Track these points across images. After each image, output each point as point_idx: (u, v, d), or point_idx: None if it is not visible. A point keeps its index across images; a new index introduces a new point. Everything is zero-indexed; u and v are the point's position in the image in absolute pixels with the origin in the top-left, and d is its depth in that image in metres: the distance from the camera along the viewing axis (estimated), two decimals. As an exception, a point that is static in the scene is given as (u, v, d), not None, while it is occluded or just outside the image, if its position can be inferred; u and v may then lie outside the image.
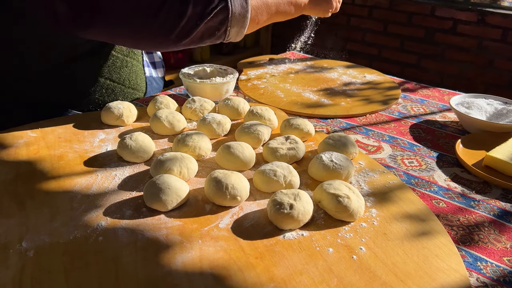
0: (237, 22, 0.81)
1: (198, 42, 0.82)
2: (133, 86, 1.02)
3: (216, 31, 0.80)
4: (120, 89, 0.98)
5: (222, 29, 0.81)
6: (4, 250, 0.52)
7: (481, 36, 2.31)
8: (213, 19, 0.78)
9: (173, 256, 0.52)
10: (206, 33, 0.80)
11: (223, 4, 0.78)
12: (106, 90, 0.95)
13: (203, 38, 0.81)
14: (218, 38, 0.83)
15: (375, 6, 2.62)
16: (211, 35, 0.81)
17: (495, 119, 0.92)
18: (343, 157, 0.70)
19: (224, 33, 0.82)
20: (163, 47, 0.84)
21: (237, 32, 0.83)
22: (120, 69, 0.97)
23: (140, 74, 1.04)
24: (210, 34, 0.81)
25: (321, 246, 0.55)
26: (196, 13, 0.76)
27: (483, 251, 0.57)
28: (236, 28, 0.82)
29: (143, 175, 0.69)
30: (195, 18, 0.77)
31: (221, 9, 0.78)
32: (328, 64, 1.35)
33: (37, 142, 0.77)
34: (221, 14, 0.78)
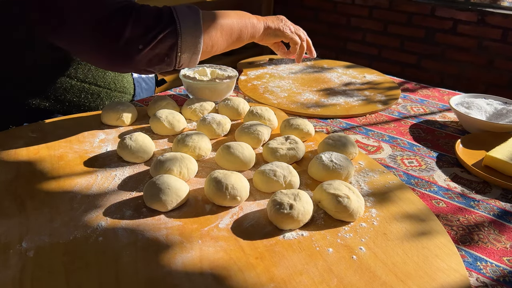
0: (188, 48, 0.74)
1: (146, 69, 0.76)
2: (120, 89, 1.00)
3: (165, 57, 0.74)
4: (106, 93, 0.97)
5: (172, 55, 0.74)
6: (4, 250, 0.52)
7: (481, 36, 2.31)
8: (160, 44, 0.71)
9: (173, 256, 0.52)
10: (153, 60, 0.74)
11: (171, 28, 0.71)
12: (91, 96, 0.94)
13: (150, 65, 0.74)
14: (168, 65, 0.76)
15: (375, 6, 2.62)
16: (160, 62, 0.74)
17: (495, 119, 0.92)
18: (343, 157, 0.70)
19: (175, 59, 0.75)
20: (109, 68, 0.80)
21: (190, 58, 0.77)
22: (105, 73, 0.95)
23: (126, 76, 1.03)
24: (158, 60, 0.74)
25: (321, 246, 0.55)
26: (137, 36, 0.70)
27: (483, 251, 0.58)
28: (187, 54, 0.75)
29: (143, 175, 0.69)
30: (136, 42, 0.70)
31: (168, 33, 0.71)
32: (328, 64, 1.35)
33: (37, 142, 0.77)
34: (169, 39, 0.72)
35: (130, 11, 0.70)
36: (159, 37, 0.71)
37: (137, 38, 0.70)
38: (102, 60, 0.75)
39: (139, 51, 0.71)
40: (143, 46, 0.70)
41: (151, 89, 1.17)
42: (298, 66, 1.33)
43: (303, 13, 2.94)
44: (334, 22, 2.83)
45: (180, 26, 0.72)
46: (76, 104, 0.92)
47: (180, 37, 0.72)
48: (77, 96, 0.91)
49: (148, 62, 0.74)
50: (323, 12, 2.85)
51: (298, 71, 1.28)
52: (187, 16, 0.73)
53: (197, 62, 0.79)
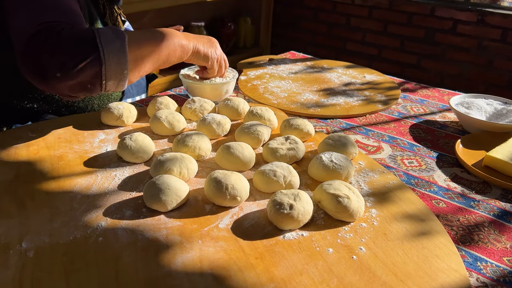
0: (114, 75, 0.70)
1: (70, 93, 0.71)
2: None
3: (88, 85, 0.70)
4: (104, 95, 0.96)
5: (97, 83, 0.70)
6: (4, 251, 0.52)
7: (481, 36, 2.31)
8: (82, 73, 0.67)
9: (173, 257, 0.52)
10: (75, 88, 0.69)
11: (94, 56, 0.67)
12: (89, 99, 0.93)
13: (74, 91, 0.70)
14: (93, 92, 0.72)
15: (375, 6, 2.62)
16: (83, 89, 0.70)
17: (494, 119, 0.92)
18: (343, 157, 0.70)
19: (100, 86, 0.71)
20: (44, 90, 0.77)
21: (117, 85, 0.73)
22: None
23: None
24: (81, 88, 0.70)
25: (321, 246, 0.55)
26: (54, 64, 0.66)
27: (483, 251, 0.58)
28: (113, 81, 0.71)
29: (143, 175, 0.69)
30: (54, 69, 0.66)
31: (91, 62, 0.67)
32: (328, 65, 1.35)
33: (37, 142, 0.77)
34: (92, 68, 0.67)
35: (48, 35, 0.67)
36: (80, 66, 0.66)
37: (54, 67, 0.66)
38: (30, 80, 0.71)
39: (58, 79, 0.67)
40: (62, 75, 0.66)
41: (141, 85, 1.15)
42: (298, 66, 1.33)
43: (303, 13, 2.94)
44: (334, 22, 2.83)
45: (103, 53, 0.68)
46: (65, 105, 0.92)
47: (104, 65, 0.68)
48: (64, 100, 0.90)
49: (70, 89, 0.70)
50: (323, 12, 2.85)
51: (298, 71, 1.28)
52: (111, 42, 0.69)
53: (125, 87, 0.75)
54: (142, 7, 2.10)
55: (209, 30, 2.65)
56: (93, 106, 0.96)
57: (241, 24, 2.92)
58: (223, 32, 2.74)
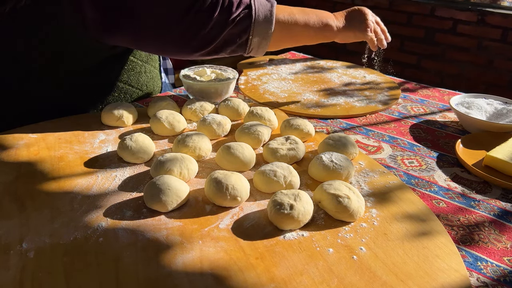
0: (259, 32, 0.81)
1: (220, 51, 0.82)
2: (150, 91, 1.03)
3: (237, 38, 0.80)
4: (138, 94, 1.00)
5: (244, 37, 0.81)
6: (5, 251, 0.52)
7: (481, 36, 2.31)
8: (236, 26, 0.78)
9: (174, 257, 0.52)
10: (228, 40, 0.80)
11: (247, 11, 0.79)
12: (124, 95, 0.96)
13: (224, 46, 0.81)
14: (240, 47, 0.82)
15: (375, 6, 2.62)
16: (233, 42, 0.81)
17: (495, 119, 0.92)
18: (343, 158, 0.70)
19: (246, 42, 0.81)
20: (185, 53, 0.83)
21: (259, 43, 0.83)
22: (139, 75, 0.98)
23: (156, 79, 1.06)
24: (231, 41, 0.80)
25: (322, 247, 0.55)
26: (221, 20, 0.77)
27: (484, 251, 0.57)
28: (258, 39, 0.81)
29: (143, 176, 0.69)
30: (219, 25, 0.77)
31: (244, 16, 0.79)
32: (328, 65, 1.35)
33: (37, 143, 0.77)
34: (244, 21, 0.79)
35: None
36: (237, 18, 0.78)
37: (221, 22, 0.77)
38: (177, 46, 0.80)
39: (220, 34, 0.78)
40: (224, 28, 0.78)
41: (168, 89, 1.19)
42: (298, 66, 1.33)
43: (303, 13, 2.94)
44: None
45: (255, 11, 0.79)
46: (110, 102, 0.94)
47: (253, 20, 0.79)
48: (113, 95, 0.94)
49: (222, 44, 0.80)
50: (323, 12, 2.86)
51: (298, 71, 1.28)
52: (262, 4, 0.81)
53: (265, 50, 0.85)
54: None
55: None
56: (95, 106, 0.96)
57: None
58: (224, 33, 2.73)
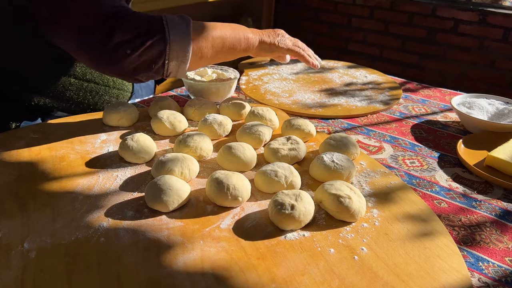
0: (176, 56, 0.74)
1: (133, 75, 0.75)
2: (118, 87, 1.00)
3: (152, 64, 0.74)
4: (105, 90, 0.96)
5: (159, 62, 0.74)
6: (6, 251, 0.52)
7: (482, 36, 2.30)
8: (148, 51, 0.72)
9: (175, 257, 0.52)
10: (141, 66, 0.74)
11: (160, 35, 0.72)
12: (90, 93, 0.93)
13: (138, 71, 0.74)
14: (156, 72, 0.76)
15: (376, 6, 2.62)
16: (148, 68, 0.74)
17: (496, 119, 0.92)
18: (344, 158, 0.70)
19: (162, 67, 0.75)
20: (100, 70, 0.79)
21: (178, 67, 0.76)
22: None
23: None
24: (146, 67, 0.74)
25: (323, 247, 0.55)
26: (126, 41, 0.70)
27: (485, 251, 0.57)
28: (175, 62, 0.75)
29: (145, 176, 0.69)
30: (124, 46, 0.70)
31: (157, 40, 0.72)
32: (329, 65, 1.35)
33: (38, 143, 0.77)
34: (158, 46, 0.72)
35: (122, 16, 0.72)
36: (148, 44, 0.71)
37: (125, 43, 0.70)
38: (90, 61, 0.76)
39: (127, 56, 0.71)
40: (131, 52, 0.71)
41: (149, 86, 1.16)
42: (299, 66, 1.33)
43: (304, 13, 2.94)
44: (335, 22, 2.83)
45: (169, 34, 0.72)
46: (75, 101, 0.92)
47: (168, 45, 0.72)
48: (76, 94, 0.91)
49: (135, 68, 0.73)
50: (324, 12, 2.85)
51: (299, 71, 1.28)
52: (176, 25, 0.74)
53: (185, 72, 0.78)
54: (143, 8, 2.10)
55: (210, 31, 2.66)
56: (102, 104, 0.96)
57: (242, 25, 2.92)
58: (225, 33, 2.74)
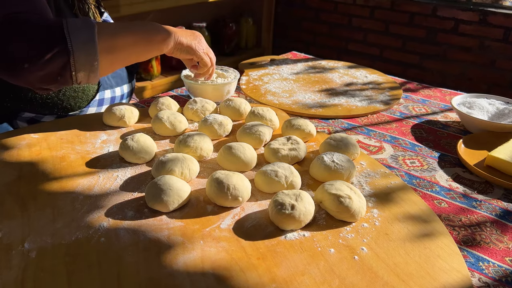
0: (83, 66, 0.69)
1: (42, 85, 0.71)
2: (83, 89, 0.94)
3: (58, 76, 0.69)
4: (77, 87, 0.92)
5: (66, 74, 0.69)
6: (7, 251, 0.52)
7: (483, 36, 2.30)
8: (50, 64, 0.66)
9: (175, 257, 0.52)
10: (46, 79, 0.69)
11: (61, 47, 0.66)
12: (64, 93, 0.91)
13: (44, 83, 0.70)
14: (64, 83, 0.71)
15: (377, 6, 2.62)
16: (53, 81, 0.70)
17: (497, 119, 0.92)
18: (344, 158, 0.70)
19: (70, 78, 0.70)
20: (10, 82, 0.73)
21: (88, 76, 0.72)
22: None
23: None
24: (51, 79, 0.69)
25: (323, 247, 0.55)
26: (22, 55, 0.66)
27: (485, 251, 0.57)
28: (84, 73, 0.71)
29: (145, 176, 0.69)
30: (22, 60, 0.66)
31: (58, 52, 0.66)
32: (330, 65, 1.35)
33: (39, 143, 0.77)
34: (60, 58, 0.67)
35: (14, 26, 0.66)
36: (47, 57, 0.66)
37: (22, 57, 0.66)
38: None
39: (26, 70, 0.66)
40: (29, 65, 0.66)
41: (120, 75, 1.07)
42: (300, 66, 1.33)
43: (304, 13, 2.94)
44: (336, 22, 2.82)
45: (71, 43, 0.67)
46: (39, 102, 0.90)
47: (72, 56, 0.67)
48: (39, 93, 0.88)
49: (40, 80, 0.69)
50: (324, 12, 2.85)
51: (300, 71, 1.28)
52: (79, 32, 0.68)
53: (97, 79, 0.74)
54: (144, 8, 2.10)
55: (210, 31, 2.66)
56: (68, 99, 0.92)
57: (242, 25, 2.92)
58: (225, 33, 2.74)
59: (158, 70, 2.36)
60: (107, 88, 1.01)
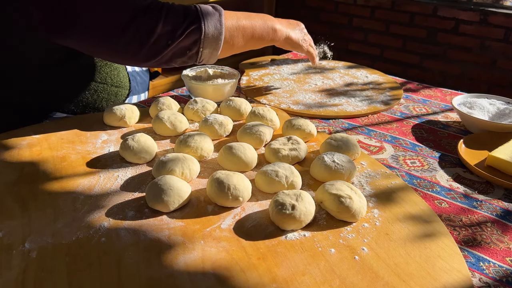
0: (210, 44, 0.80)
1: (169, 62, 0.81)
2: (116, 84, 1.00)
3: (187, 51, 0.79)
4: (103, 88, 0.96)
5: (194, 49, 0.80)
6: (7, 251, 0.52)
7: (483, 36, 2.30)
8: (185, 39, 0.77)
9: (176, 257, 0.52)
10: (177, 53, 0.79)
11: (196, 25, 0.77)
12: (88, 91, 0.94)
13: (173, 58, 0.80)
14: (190, 58, 0.82)
15: (377, 6, 2.62)
16: (182, 55, 0.80)
17: (497, 119, 0.91)
18: (345, 158, 0.70)
19: (196, 54, 0.81)
20: (133, 63, 0.83)
21: (210, 54, 0.82)
22: (101, 68, 0.95)
23: (121, 70, 1.03)
24: (181, 53, 0.80)
25: (323, 247, 0.55)
26: (167, 32, 0.76)
27: (486, 251, 0.57)
28: (208, 50, 0.81)
29: (145, 176, 0.69)
30: (166, 37, 0.76)
31: (193, 30, 0.77)
32: (330, 65, 1.35)
33: (39, 143, 0.77)
34: (194, 35, 0.78)
35: (160, 9, 0.76)
36: (186, 33, 0.76)
37: (167, 34, 0.76)
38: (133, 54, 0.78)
39: (167, 46, 0.76)
40: (172, 42, 0.76)
41: (145, 82, 1.17)
42: (300, 66, 1.33)
43: (305, 13, 2.94)
44: (336, 22, 2.83)
45: (204, 24, 0.78)
46: (73, 101, 0.92)
47: (203, 34, 0.78)
48: (74, 93, 0.91)
49: (171, 56, 0.79)
50: (324, 12, 2.85)
51: (300, 71, 1.28)
52: (211, 15, 0.80)
53: (216, 58, 0.84)
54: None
55: (211, 31, 2.66)
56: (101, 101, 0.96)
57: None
58: (225, 33, 2.74)
59: (159, 70, 2.37)
60: (135, 93, 1.10)
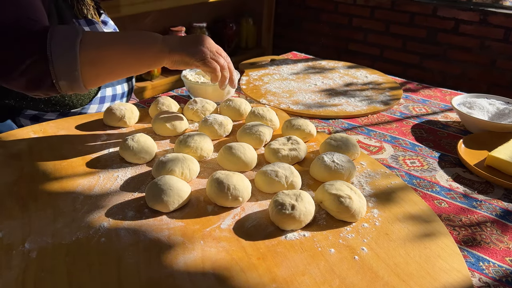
0: (64, 75, 0.69)
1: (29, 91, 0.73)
2: None
3: (40, 83, 0.70)
4: None
5: (47, 81, 0.69)
6: (7, 251, 0.52)
7: (483, 36, 2.30)
8: (29, 71, 0.68)
9: (175, 257, 0.52)
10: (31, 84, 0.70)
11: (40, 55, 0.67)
12: None
13: (29, 88, 0.71)
14: (50, 91, 0.72)
15: (377, 6, 2.61)
16: (38, 87, 0.71)
17: (497, 119, 0.92)
18: (344, 158, 0.70)
19: (53, 86, 0.70)
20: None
21: (70, 86, 0.71)
22: None
23: None
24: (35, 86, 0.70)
25: (323, 247, 0.55)
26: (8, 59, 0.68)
27: (486, 251, 0.57)
28: (65, 82, 0.70)
29: (145, 176, 0.69)
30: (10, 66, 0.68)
31: (38, 59, 0.67)
32: (330, 65, 1.35)
33: (39, 143, 0.77)
34: (39, 66, 0.68)
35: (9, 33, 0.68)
36: (27, 63, 0.67)
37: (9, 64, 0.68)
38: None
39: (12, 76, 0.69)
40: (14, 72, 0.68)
41: None
42: (300, 66, 1.33)
43: (305, 13, 2.94)
44: (336, 22, 2.82)
45: (50, 52, 0.67)
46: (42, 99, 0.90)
47: (51, 64, 0.68)
48: None
49: (26, 86, 0.71)
50: (324, 12, 2.85)
51: (300, 71, 1.28)
52: (62, 41, 0.68)
53: (83, 90, 0.73)
54: (144, 8, 2.10)
55: (211, 31, 2.66)
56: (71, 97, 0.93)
57: (243, 25, 2.92)
58: (225, 33, 2.74)
59: (159, 70, 2.37)
60: (108, 86, 1.00)
